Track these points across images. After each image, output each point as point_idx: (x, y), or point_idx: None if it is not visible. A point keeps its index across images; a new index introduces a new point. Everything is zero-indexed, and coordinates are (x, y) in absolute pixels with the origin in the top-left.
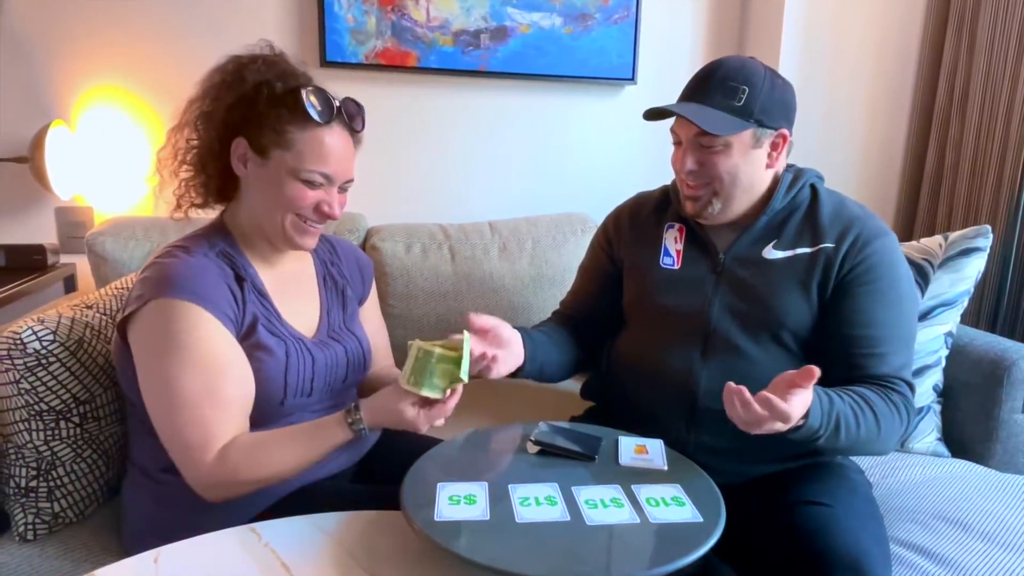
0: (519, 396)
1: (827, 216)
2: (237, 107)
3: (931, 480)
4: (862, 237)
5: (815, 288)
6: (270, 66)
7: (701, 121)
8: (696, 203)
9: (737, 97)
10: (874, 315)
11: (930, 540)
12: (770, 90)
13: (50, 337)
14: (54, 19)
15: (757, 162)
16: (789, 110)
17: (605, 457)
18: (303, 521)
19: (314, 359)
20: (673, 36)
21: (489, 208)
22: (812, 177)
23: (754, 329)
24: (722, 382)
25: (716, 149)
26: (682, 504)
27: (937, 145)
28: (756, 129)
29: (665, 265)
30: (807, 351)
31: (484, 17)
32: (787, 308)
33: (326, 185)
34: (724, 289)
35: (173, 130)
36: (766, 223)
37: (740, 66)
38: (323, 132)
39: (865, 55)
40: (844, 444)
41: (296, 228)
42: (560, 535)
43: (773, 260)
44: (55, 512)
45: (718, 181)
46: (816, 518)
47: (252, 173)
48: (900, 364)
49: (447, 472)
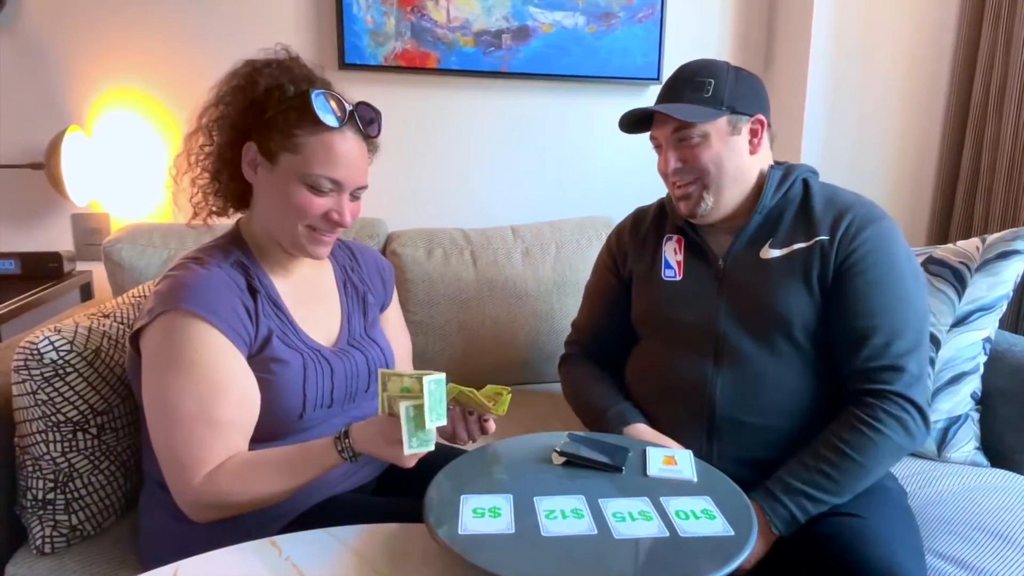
0: (543, 407)
1: (820, 208)
2: (248, 111)
3: (969, 490)
4: (855, 224)
5: (816, 282)
6: (284, 70)
7: (674, 112)
8: (688, 202)
9: (705, 89)
10: (874, 303)
11: (968, 552)
12: (735, 80)
13: (67, 347)
14: (69, 22)
15: (739, 149)
16: (760, 96)
17: (632, 468)
18: (324, 534)
19: (333, 370)
20: (699, 34)
21: (511, 212)
22: (804, 172)
23: (763, 332)
24: (739, 391)
25: (695, 142)
26: (712, 517)
27: (973, 144)
28: (730, 115)
29: (667, 278)
30: (818, 347)
31: (506, 17)
32: (791, 307)
33: (335, 192)
34: (728, 295)
35: (188, 135)
36: (760, 222)
37: (702, 64)
38: (333, 136)
39: (898, 50)
40: (840, 496)
41: (308, 237)
42: (587, 549)
43: (771, 259)
44: (73, 525)
45: (705, 174)
46: (848, 529)
47: (262, 179)
48: (907, 349)
49: (471, 484)
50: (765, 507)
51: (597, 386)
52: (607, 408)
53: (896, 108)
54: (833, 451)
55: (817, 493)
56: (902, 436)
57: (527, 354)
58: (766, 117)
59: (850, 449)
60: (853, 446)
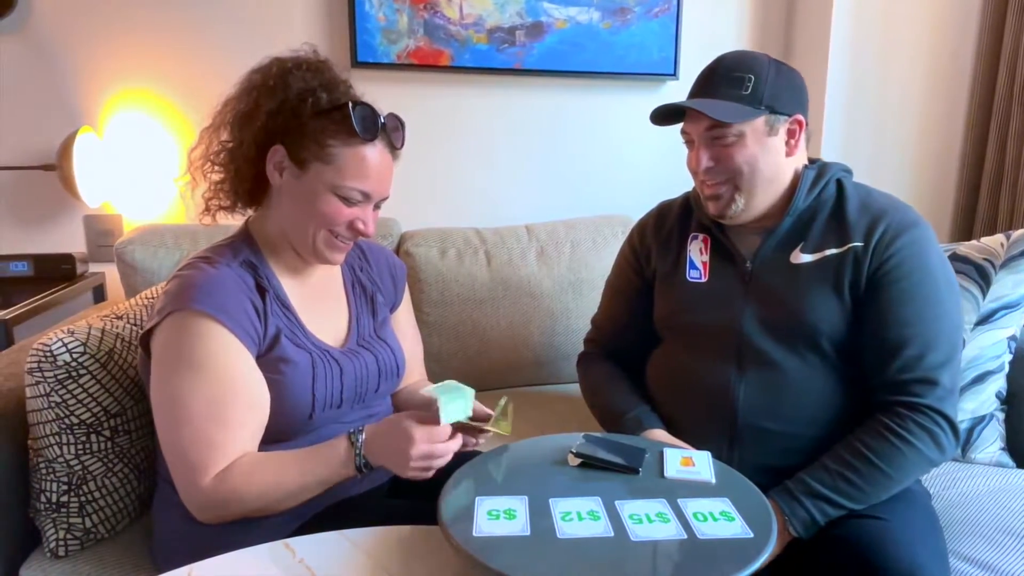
0: (558, 408)
1: (854, 212)
2: (279, 114)
3: (994, 491)
4: (890, 231)
5: (847, 290)
6: (315, 73)
7: (710, 111)
8: (718, 202)
9: (744, 86)
10: (908, 313)
11: (994, 555)
12: (776, 76)
13: (80, 349)
14: (80, 22)
15: (775, 151)
16: (800, 94)
17: (649, 470)
18: (338, 537)
19: (342, 370)
20: (716, 28)
21: (525, 211)
22: (838, 171)
23: (788, 340)
24: (762, 397)
25: (729, 141)
26: (731, 519)
27: (998, 138)
28: (768, 116)
29: (692, 279)
30: (844, 357)
31: (519, 13)
32: (820, 315)
33: (363, 203)
34: (754, 299)
35: (207, 130)
36: (791, 224)
37: (742, 57)
38: (366, 149)
39: (919, 43)
40: (861, 504)
41: (327, 244)
42: (604, 551)
43: (802, 264)
44: (87, 528)
45: (738, 175)
46: (870, 532)
47: (287, 183)
48: (940, 361)
49: (486, 486)
50: (784, 508)
51: (616, 388)
52: (624, 412)
53: (918, 102)
54: (859, 458)
55: (840, 499)
56: (932, 450)
57: (542, 355)
58: (805, 116)
59: (877, 458)
60: (881, 455)
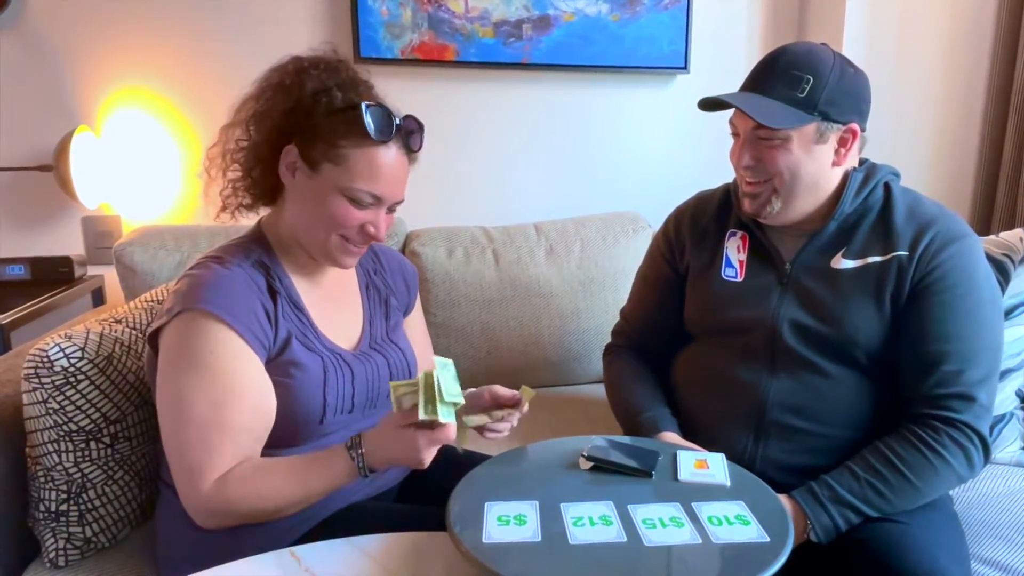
0: (570, 410)
1: (901, 219)
2: (292, 113)
3: (1014, 492)
4: (937, 241)
5: (888, 300)
6: (331, 73)
7: (756, 113)
8: (754, 201)
9: (800, 87)
10: (949, 327)
11: (1015, 557)
12: (838, 80)
13: (78, 354)
14: (75, 19)
15: (822, 159)
16: (860, 102)
17: (663, 473)
18: (345, 544)
19: (354, 374)
20: (728, 20)
21: (534, 209)
22: (886, 175)
23: (823, 345)
24: (792, 395)
25: (774, 143)
26: (747, 523)
27: (1016, 130)
28: (820, 123)
29: (727, 277)
30: (880, 367)
31: (526, 6)
32: (858, 325)
33: (375, 206)
34: (790, 301)
35: (225, 128)
36: (836, 228)
37: (806, 53)
38: (378, 151)
39: (935, 37)
40: (885, 512)
41: (339, 247)
42: (616, 557)
43: (843, 270)
44: (87, 537)
45: (777, 178)
46: (890, 535)
47: (299, 183)
48: (979, 379)
49: (495, 490)
50: (808, 512)
51: (638, 386)
52: (642, 411)
53: (934, 97)
54: (890, 468)
55: (865, 508)
56: (964, 466)
57: (552, 355)
58: (862, 125)
59: (908, 470)
60: (912, 467)
